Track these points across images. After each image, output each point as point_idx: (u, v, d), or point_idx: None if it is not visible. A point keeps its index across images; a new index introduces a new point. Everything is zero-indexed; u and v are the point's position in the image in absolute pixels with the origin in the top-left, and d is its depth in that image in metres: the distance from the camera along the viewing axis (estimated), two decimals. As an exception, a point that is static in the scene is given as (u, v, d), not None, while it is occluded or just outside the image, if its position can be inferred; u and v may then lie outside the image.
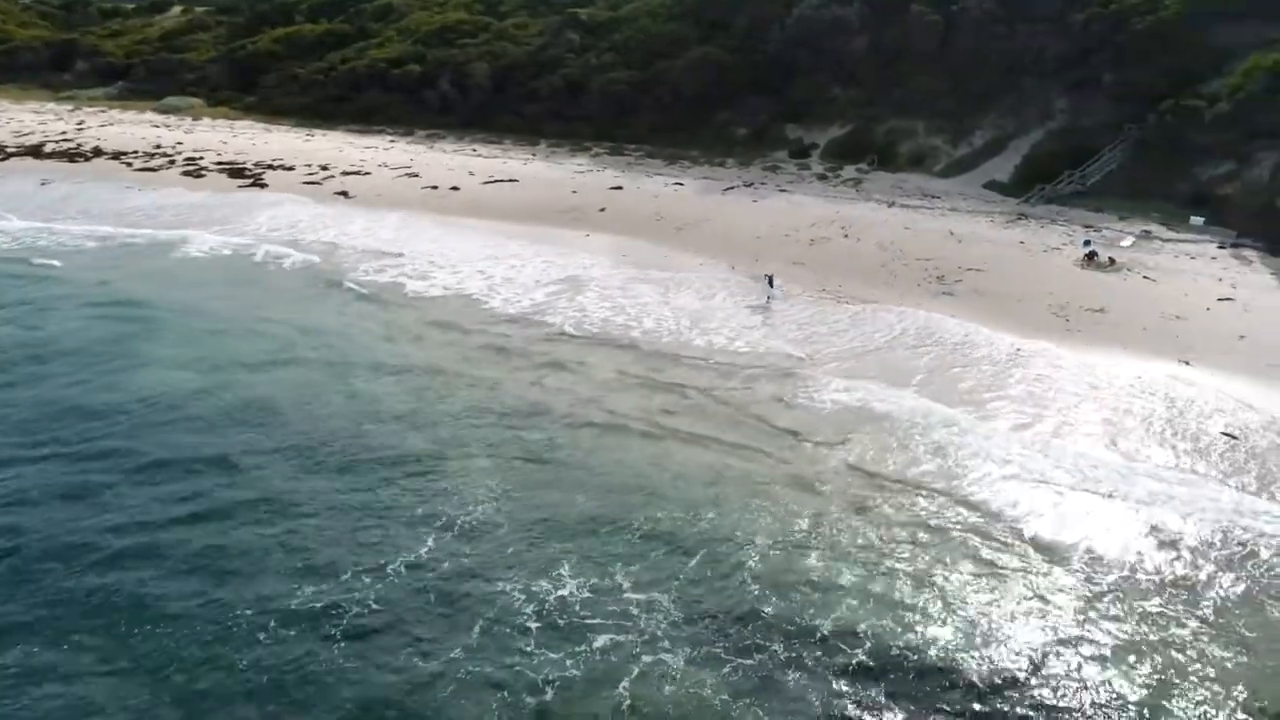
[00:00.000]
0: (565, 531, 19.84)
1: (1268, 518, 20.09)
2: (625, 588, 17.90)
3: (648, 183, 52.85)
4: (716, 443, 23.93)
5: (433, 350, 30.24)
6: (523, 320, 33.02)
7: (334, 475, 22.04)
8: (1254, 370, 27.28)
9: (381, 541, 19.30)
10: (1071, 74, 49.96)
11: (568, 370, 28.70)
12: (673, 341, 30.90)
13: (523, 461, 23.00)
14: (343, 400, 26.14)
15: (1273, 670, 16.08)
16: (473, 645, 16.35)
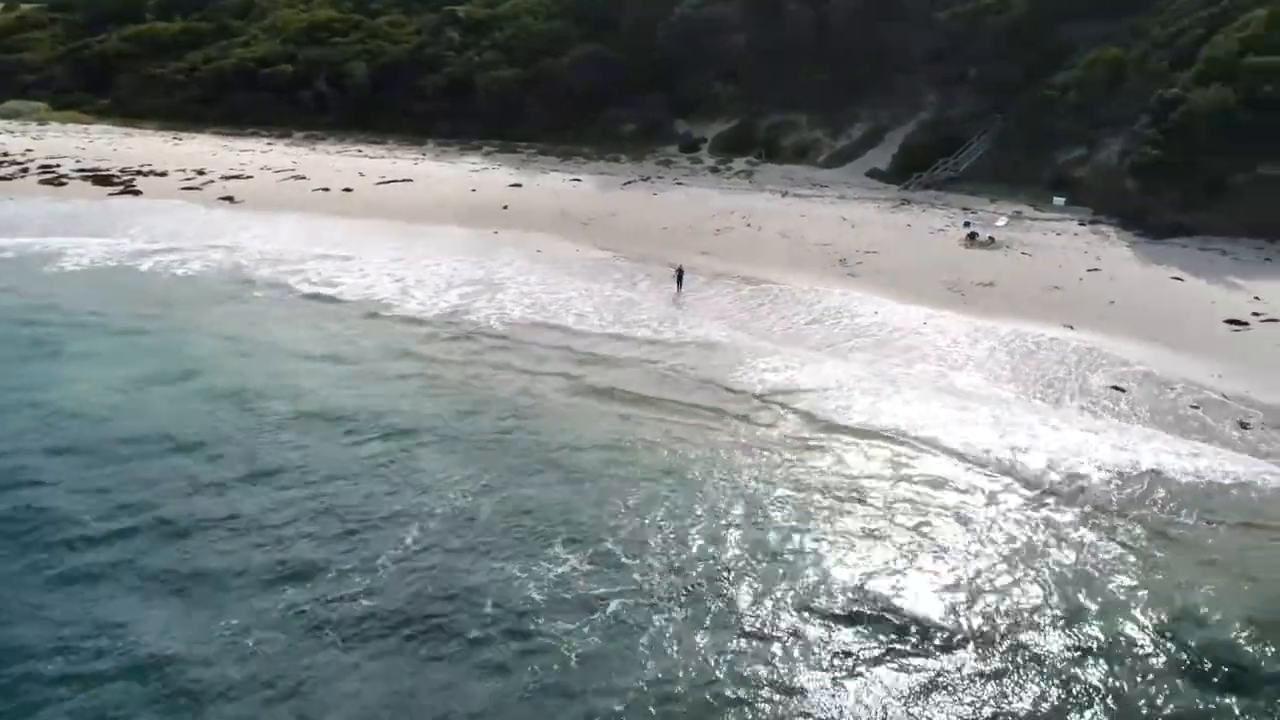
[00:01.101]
0: (545, 510, 20.19)
1: (1168, 453, 22.66)
2: (619, 554, 18.54)
3: (545, 179, 53.25)
4: (670, 420, 24.74)
5: (362, 351, 29.63)
6: (445, 320, 32.48)
7: (292, 482, 21.51)
8: (1126, 331, 30.51)
9: (363, 540, 19.12)
10: (938, 68, 53.73)
11: (504, 365, 28.74)
12: (603, 333, 31.33)
13: (482, 451, 23.07)
14: (284, 405, 25.37)
15: (1164, 579, 18.21)
16: (487, 619, 16.58)
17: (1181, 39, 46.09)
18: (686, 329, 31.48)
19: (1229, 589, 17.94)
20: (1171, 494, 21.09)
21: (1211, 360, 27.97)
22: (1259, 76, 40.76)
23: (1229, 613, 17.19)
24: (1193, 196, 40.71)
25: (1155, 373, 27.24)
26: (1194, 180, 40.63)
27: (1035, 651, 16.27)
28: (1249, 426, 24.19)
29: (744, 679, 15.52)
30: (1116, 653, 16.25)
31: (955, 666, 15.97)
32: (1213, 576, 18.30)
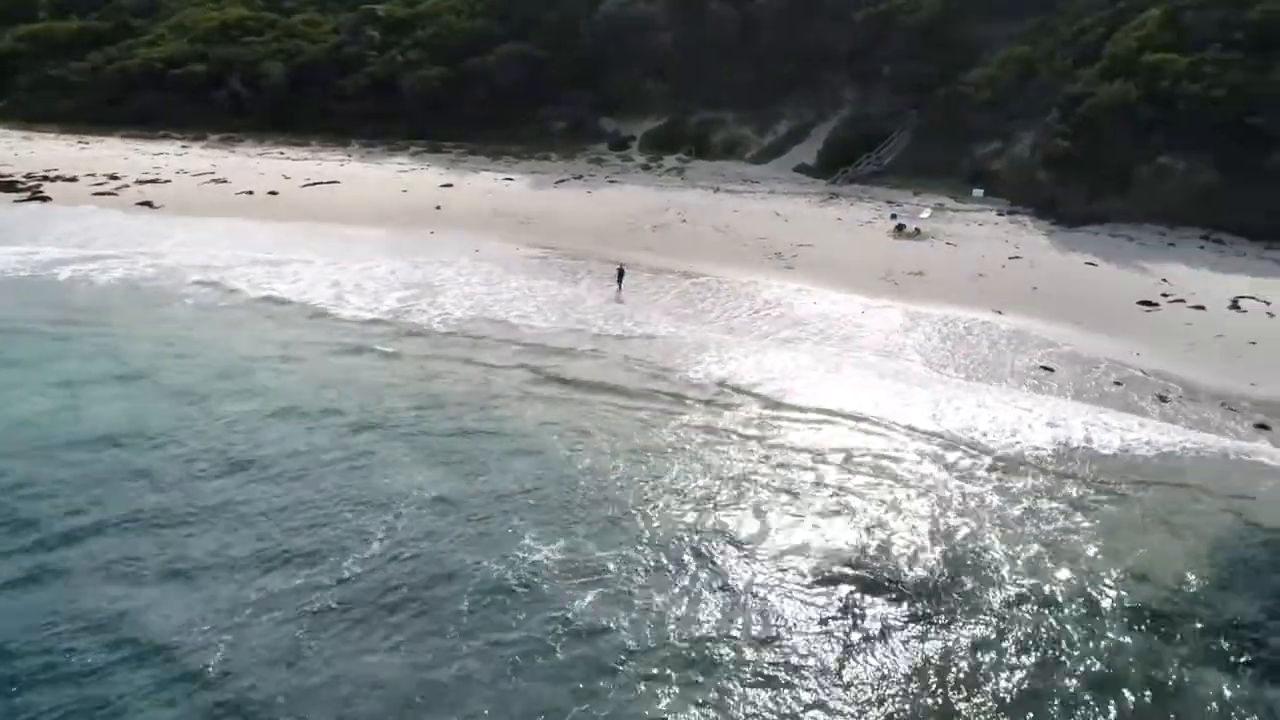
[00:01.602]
0: (514, 501, 20.31)
1: (1097, 426, 24.14)
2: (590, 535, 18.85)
3: (477, 179, 52.92)
4: (626, 410, 25.09)
5: (308, 354, 28.90)
6: (388, 322, 31.93)
7: (258, 481, 21.08)
8: (1050, 314, 32.26)
9: (334, 540, 18.91)
10: (858, 66, 55.43)
11: (454, 365, 28.49)
12: (549, 330, 31.41)
13: (444, 445, 22.98)
14: (236, 406, 24.75)
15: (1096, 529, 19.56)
16: (464, 613, 16.66)
17: (1085, 37, 48.73)
18: (633, 324, 31.85)
19: (1160, 545, 19.34)
20: (1102, 461, 22.55)
21: (1129, 339, 29.83)
22: (1156, 72, 43.45)
23: (1162, 566, 18.55)
24: (1100, 186, 43.11)
25: (1080, 352, 28.94)
26: (1101, 171, 43.05)
27: (988, 602, 17.41)
28: (1167, 400, 25.95)
29: (725, 639, 16.18)
30: (1058, 603, 17.40)
31: (914, 616, 17.04)
32: (1145, 534, 19.70)
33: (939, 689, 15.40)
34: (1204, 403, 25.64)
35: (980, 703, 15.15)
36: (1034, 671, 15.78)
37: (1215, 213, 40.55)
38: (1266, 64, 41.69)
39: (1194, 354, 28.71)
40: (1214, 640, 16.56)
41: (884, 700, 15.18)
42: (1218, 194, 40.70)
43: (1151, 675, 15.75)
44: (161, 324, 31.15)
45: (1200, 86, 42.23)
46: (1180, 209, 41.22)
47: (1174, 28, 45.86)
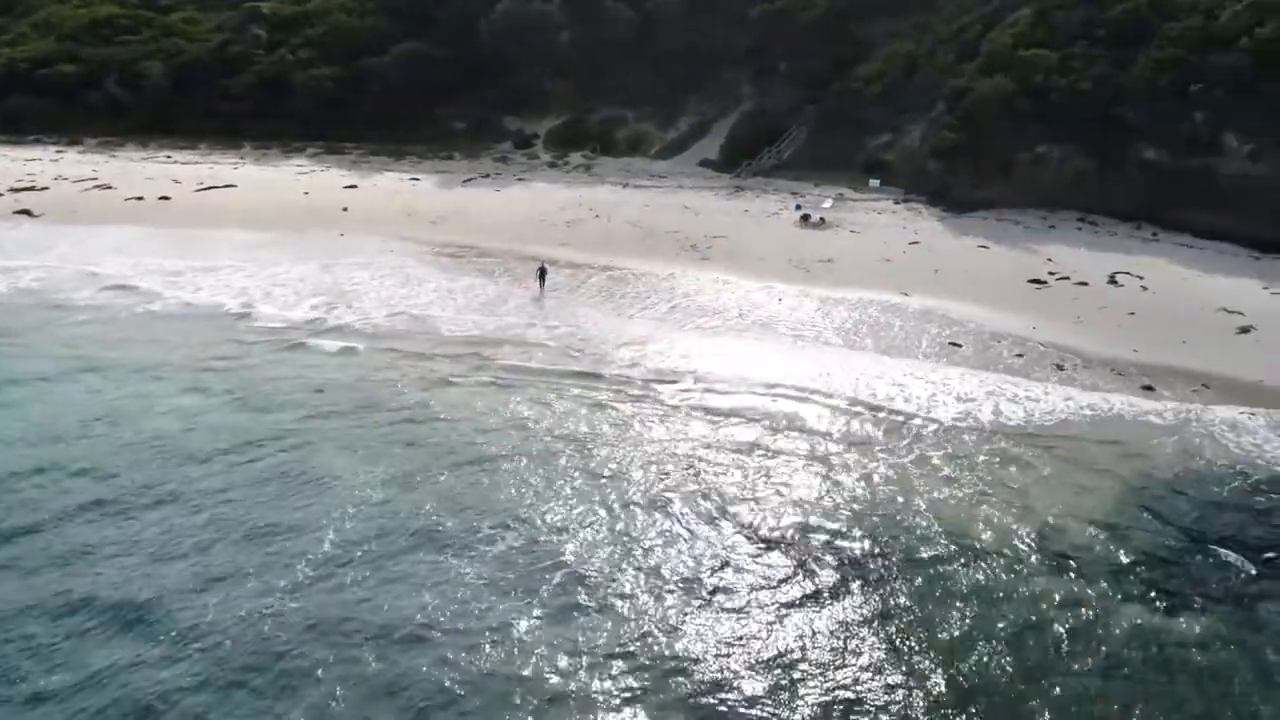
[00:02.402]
0: (460, 494, 20.43)
1: (1005, 397, 26.00)
2: (540, 529, 19.20)
3: (381, 179, 52.11)
4: (562, 403, 25.47)
5: (215, 366, 27.69)
6: (305, 327, 30.94)
7: (193, 494, 20.48)
8: (952, 294, 34.32)
9: (283, 545, 18.62)
10: (755, 63, 57.16)
11: (382, 367, 28.03)
12: (472, 329, 31.12)
13: (384, 447, 22.83)
14: (159, 422, 23.89)
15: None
16: (429, 606, 16.76)
17: (964, 35, 51.69)
18: (557, 320, 32.15)
19: (1071, 498, 21.00)
20: (1012, 426, 24.28)
21: (1024, 315, 32.08)
22: (1030, 67, 46.54)
23: (1074, 516, 20.16)
24: (986, 174, 45.92)
25: (983, 328, 30.98)
26: (985, 160, 45.86)
27: (918, 557, 18.64)
28: (1064, 368, 28.12)
29: (677, 608, 16.78)
30: (984, 555, 18.66)
31: (850, 573, 18.11)
32: (1056, 489, 21.32)
33: (880, 639, 16.43)
34: (1096, 369, 27.90)
35: (920, 649, 16.20)
36: (967, 618, 17.00)
37: (1089, 197, 43.86)
38: (1127, 59, 45.23)
39: (1082, 326, 31.13)
40: (1126, 579, 18.24)
41: (830, 654, 16.08)
42: (1090, 180, 44.05)
43: (1074, 614, 17.23)
44: (55, 339, 29.54)
45: (1069, 80, 45.45)
46: (1058, 194, 44.37)
47: (1044, 26, 49.14)
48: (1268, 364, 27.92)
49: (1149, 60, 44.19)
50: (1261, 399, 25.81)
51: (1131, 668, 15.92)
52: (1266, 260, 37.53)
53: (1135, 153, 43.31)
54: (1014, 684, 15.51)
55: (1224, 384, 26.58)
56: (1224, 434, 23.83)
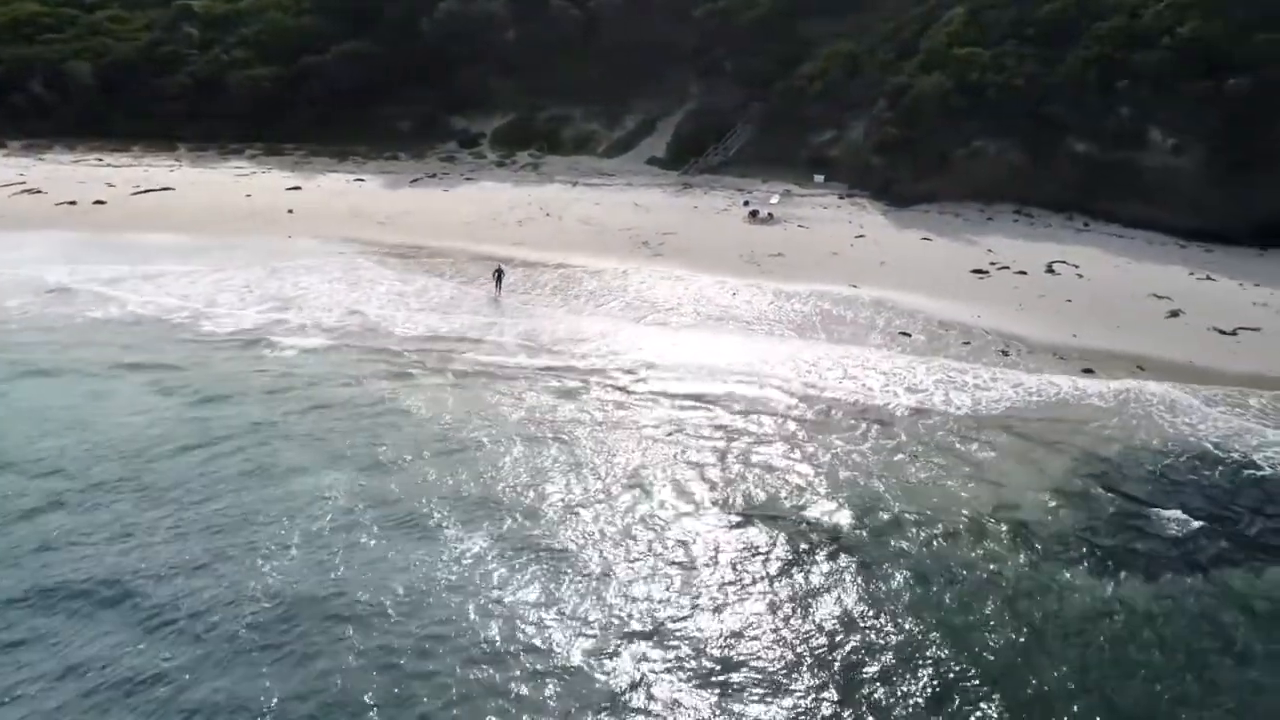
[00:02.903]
0: (431, 491, 20.47)
1: (954, 385, 26.96)
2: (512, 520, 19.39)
3: (326, 181, 51.37)
4: (526, 399, 25.61)
5: (168, 381, 26.51)
6: (258, 332, 30.17)
7: (158, 498, 20.12)
8: (899, 285, 35.33)
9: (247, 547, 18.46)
10: (700, 61, 57.78)
11: (339, 370, 27.65)
12: (431, 330, 30.95)
13: (348, 447, 22.70)
14: (115, 428, 23.34)
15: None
16: (402, 588, 16.84)
17: (902, 33, 53.10)
18: (517, 319, 32.24)
19: (1022, 476, 21.92)
20: (963, 411, 25.21)
21: (968, 304, 33.24)
22: (966, 65, 48.07)
23: (1027, 493, 21.11)
24: (926, 169, 47.27)
25: (931, 317, 32.01)
26: (926, 155, 47.21)
27: (879, 535, 19.33)
28: (1009, 354, 29.24)
29: (647, 597, 17.15)
30: (944, 532, 19.41)
31: (817, 552, 18.71)
32: (1008, 468, 22.21)
33: (842, 612, 17.03)
34: (1039, 354, 29.07)
35: (881, 621, 16.84)
36: (929, 592, 17.74)
37: (1023, 189, 45.50)
38: (1056, 57, 47.01)
39: (1024, 314, 32.38)
40: (1079, 550, 19.17)
41: (794, 625, 16.65)
42: (1024, 173, 45.69)
43: (1032, 585, 18.07)
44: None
45: (1003, 78, 47.08)
46: (994, 187, 45.91)
47: (976, 25, 50.79)
48: (1196, 345, 29.47)
49: (1077, 58, 46.02)
50: (1193, 377, 27.23)
51: (1088, 632, 16.78)
52: (1191, 248, 39.47)
53: (1066, 147, 45.05)
54: (975, 652, 16.22)
55: (1158, 365, 27.96)
56: (1160, 412, 25.10)
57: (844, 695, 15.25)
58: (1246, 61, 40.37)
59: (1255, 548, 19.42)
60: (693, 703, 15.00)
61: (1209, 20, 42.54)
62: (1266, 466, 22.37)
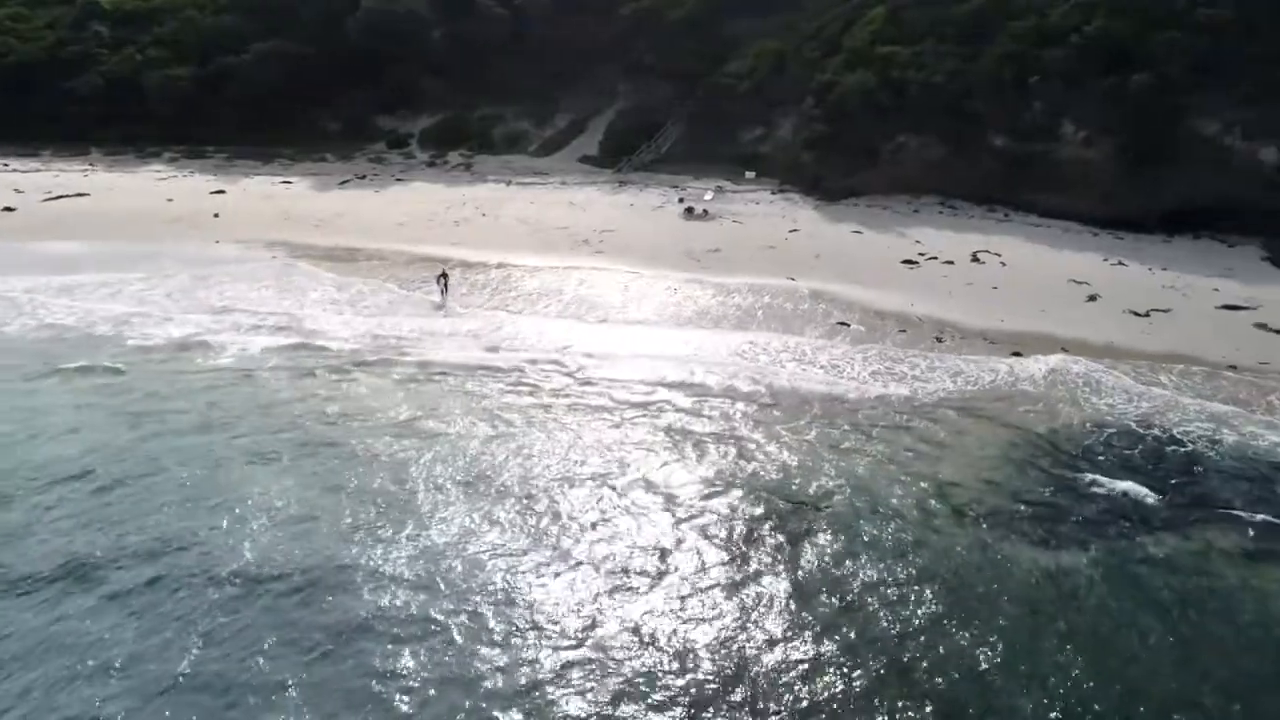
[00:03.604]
0: (405, 480, 20.42)
1: (880, 372, 27.93)
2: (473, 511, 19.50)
3: (251, 183, 50.11)
4: (482, 398, 25.63)
5: (94, 400, 25.69)
6: (194, 344, 29.46)
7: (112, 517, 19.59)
8: (835, 277, 36.30)
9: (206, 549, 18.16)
10: (628, 59, 58.11)
11: (279, 380, 26.98)
12: (378, 337, 30.54)
13: (303, 455, 22.46)
14: (49, 444, 22.56)
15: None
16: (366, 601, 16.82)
17: (825, 32, 54.34)
18: (460, 319, 32.19)
19: (963, 456, 22.93)
20: (904, 395, 26.17)
21: (902, 293, 34.36)
22: (888, 62, 49.50)
23: (969, 472, 22.09)
24: (854, 164, 48.50)
25: (867, 307, 33.01)
26: (853, 150, 48.44)
27: (832, 517, 20.04)
28: (943, 340, 30.40)
29: (605, 576, 17.59)
30: (893, 512, 20.32)
31: (770, 535, 19.33)
32: (949, 449, 23.22)
33: (798, 593, 17.74)
34: (971, 339, 30.31)
35: (835, 601, 17.58)
36: (882, 568, 18.51)
37: (946, 182, 47.10)
38: (972, 55, 48.79)
39: (954, 301, 33.65)
40: (1018, 524, 20.17)
41: (749, 607, 17.33)
42: (946, 166, 47.24)
43: (979, 556, 19.00)
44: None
45: (923, 75, 48.64)
46: (919, 181, 47.43)
47: (897, 24, 52.34)
48: (1114, 327, 31.12)
49: (992, 56, 47.78)
50: (1112, 356, 28.76)
51: (1032, 597, 17.79)
52: (1103, 236, 41.49)
53: (985, 141, 46.78)
54: (928, 627, 17.02)
55: (1080, 346, 29.43)
56: (1085, 392, 26.46)
57: (797, 671, 15.88)
58: (1148, 58, 42.62)
59: (1178, 512, 20.72)
60: (646, 677, 15.46)
61: (1113, 19, 44.74)
62: (1183, 436, 23.84)
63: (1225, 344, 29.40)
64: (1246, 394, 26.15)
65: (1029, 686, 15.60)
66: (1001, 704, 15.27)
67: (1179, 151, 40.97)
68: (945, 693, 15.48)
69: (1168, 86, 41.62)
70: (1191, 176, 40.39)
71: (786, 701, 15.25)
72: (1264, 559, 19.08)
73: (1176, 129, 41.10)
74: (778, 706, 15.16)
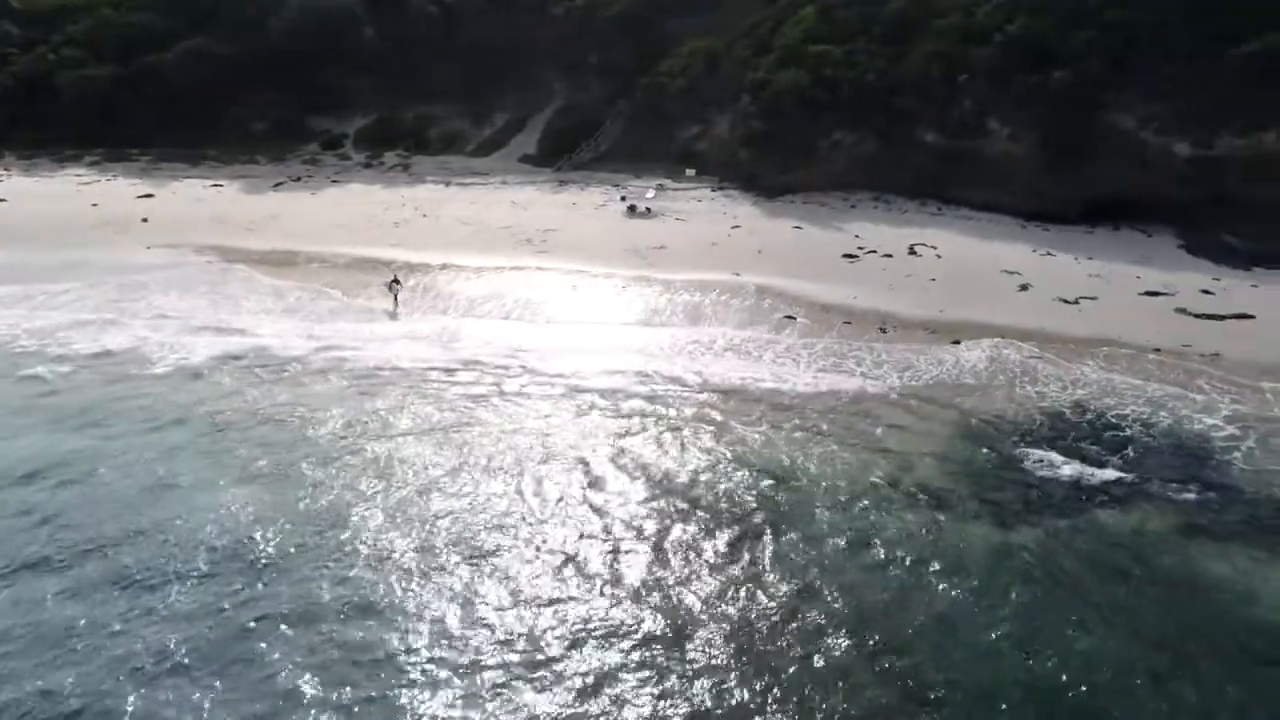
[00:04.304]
0: (351, 487, 20.24)
1: (849, 349, 28.68)
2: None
3: (180, 187, 48.64)
4: (439, 401, 25.51)
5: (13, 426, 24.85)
6: (132, 356, 28.54)
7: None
8: (778, 271, 36.95)
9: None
10: (565, 58, 58.07)
11: (225, 392, 26.41)
12: (325, 342, 30.11)
13: (248, 466, 22.07)
14: None
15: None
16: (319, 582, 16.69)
17: (758, 30, 55.15)
18: (408, 320, 31.89)
19: (911, 441, 23.70)
20: (853, 383, 26.89)
21: (844, 286, 35.20)
22: (820, 60, 50.53)
23: (917, 457, 22.88)
24: (790, 161, 49.38)
25: (812, 301, 33.73)
26: (789, 147, 49.31)
27: (793, 506, 20.55)
28: (886, 331, 31.30)
29: (563, 569, 17.78)
30: (849, 498, 20.98)
31: (730, 520, 19.75)
32: (898, 435, 24.00)
33: (760, 575, 18.27)
34: (913, 330, 31.26)
35: (797, 582, 18.16)
36: (842, 550, 19.13)
37: (881, 178, 48.26)
38: (901, 53, 50.17)
39: (894, 293, 34.61)
40: (969, 503, 21.00)
41: (716, 587, 17.76)
42: (880, 162, 48.40)
43: (935, 536, 19.73)
44: None
45: (855, 73, 49.81)
46: (854, 176, 48.51)
47: (827, 22, 53.48)
48: (1046, 314, 32.41)
49: (920, 54, 49.23)
50: (1045, 341, 29.99)
51: (987, 570, 18.59)
52: (1030, 228, 43.06)
53: (916, 137, 48.10)
54: (889, 605, 17.65)
55: (1016, 333, 30.60)
56: (1024, 379, 27.55)
57: (761, 653, 16.34)
58: (1068, 56, 44.44)
59: (1115, 490, 21.78)
60: (604, 667, 15.78)
61: (1034, 18, 46.52)
62: (1117, 418, 25.05)
63: (1149, 328, 30.92)
64: (1172, 375, 27.57)
65: (986, 656, 16.33)
66: (960, 676, 15.91)
67: (1098, 146, 42.78)
68: (908, 669, 16.08)
69: (1087, 84, 43.41)
70: (1110, 170, 42.22)
71: (751, 684, 15.63)
72: (1194, 533, 20.16)
73: (1096, 125, 42.91)
74: (741, 690, 15.52)
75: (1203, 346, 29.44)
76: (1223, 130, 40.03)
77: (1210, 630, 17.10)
